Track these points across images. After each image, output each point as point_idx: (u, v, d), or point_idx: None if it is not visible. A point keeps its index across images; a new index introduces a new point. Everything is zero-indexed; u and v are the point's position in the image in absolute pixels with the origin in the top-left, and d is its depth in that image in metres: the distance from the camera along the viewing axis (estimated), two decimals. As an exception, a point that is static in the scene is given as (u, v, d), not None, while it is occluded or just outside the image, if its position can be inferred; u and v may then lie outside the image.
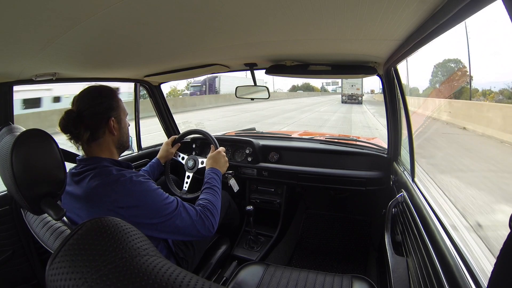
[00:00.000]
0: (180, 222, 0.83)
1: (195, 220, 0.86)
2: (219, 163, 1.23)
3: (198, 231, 0.87)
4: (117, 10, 0.52)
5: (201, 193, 1.04)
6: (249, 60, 1.26)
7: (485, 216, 2.28)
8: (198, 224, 0.87)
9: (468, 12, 0.45)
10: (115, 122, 0.85)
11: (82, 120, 0.80)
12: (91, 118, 0.81)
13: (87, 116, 0.80)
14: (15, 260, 1.09)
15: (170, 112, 1.94)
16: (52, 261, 0.30)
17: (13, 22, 0.52)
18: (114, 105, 0.86)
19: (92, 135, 0.82)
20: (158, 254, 0.33)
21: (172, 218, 0.81)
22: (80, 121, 0.79)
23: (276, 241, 1.70)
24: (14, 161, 0.57)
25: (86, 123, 0.80)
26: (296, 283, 1.01)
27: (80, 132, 0.80)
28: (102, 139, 0.84)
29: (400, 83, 1.17)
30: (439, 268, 0.62)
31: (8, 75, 0.97)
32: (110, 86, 0.89)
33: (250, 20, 0.66)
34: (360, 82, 23.92)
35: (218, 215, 0.96)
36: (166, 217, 0.80)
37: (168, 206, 0.82)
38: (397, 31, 0.70)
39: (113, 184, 0.76)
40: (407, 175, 1.14)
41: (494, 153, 4.65)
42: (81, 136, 0.80)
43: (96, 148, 0.83)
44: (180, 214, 0.84)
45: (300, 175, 1.60)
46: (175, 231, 0.83)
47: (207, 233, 0.89)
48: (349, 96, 24.63)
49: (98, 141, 0.83)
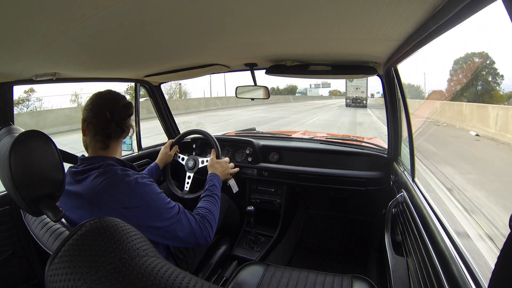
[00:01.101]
0: (180, 229, 0.83)
1: (194, 228, 0.87)
2: (220, 169, 1.23)
3: (196, 239, 0.87)
4: (117, 11, 0.52)
5: (200, 200, 1.04)
6: (249, 60, 1.26)
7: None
8: (196, 232, 0.87)
9: (468, 12, 0.45)
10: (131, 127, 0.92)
11: (114, 119, 0.85)
12: (122, 120, 0.87)
13: (118, 118, 0.86)
14: (15, 260, 1.09)
15: (170, 112, 1.93)
16: (51, 261, 0.30)
17: (14, 22, 0.52)
18: (131, 113, 0.91)
19: (116, 134, 0.86)
20: (158, 255, 0.32)
21: (173, 224, 0.81)
22: (113, 119, 0.84)
23: (276, 241, 1.70)
24: (13, 162, 0.56)
25: (117, 122, 0.85)
26: (296, 283, 1.01)
27: (111, 127, 0.84)
28: (120, 140, 0.89)
29: (400, 83, 1.17)
30: (439, 268, 0.62)
31: (8, 75, 0.97)
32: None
33: (250, 20, 0.66)
34: (365, 85, 22.82)
35: (215, 224, 0.96)
36: (167, 221, 0.80)
37: (170, 211, 0.82)
38: (397, 31, 0.70)
39: (118, 183, 0.76)
40: (407, 175, 1.14)
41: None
42: (110, 132, 0.84)
43: (110, 148, 0.86)
44: (181, 221, 0.84)
45: (300, 175, 1.60)
46: (174, 237, 0.83)
47: (203, 242, 0.89)
48: (353, 99, 23.28)
49: (118, 141, 0.88)
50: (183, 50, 0.98)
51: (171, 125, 1.95)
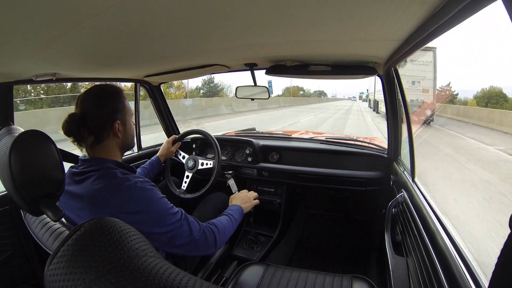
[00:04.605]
0: (180, 235, 0.79)
1: (196, 236, 0.82)
2: (240, 200, 1.19)
3: (197, 248, 0.82)
4: (117, 11, 0.52)
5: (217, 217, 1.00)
6: (249, 60, 1.26)
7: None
8: (199, 241, 0.83)
9: (468, 12, 0.45)
10: (120, 125, 0.82)
11: (86, 123, 0.77)
12: (95, 121, 0.78)
13: (91, 119, 0.78)
14: (15, 260, 1.09)
15: (170, 112, 1.94)
16: (50, 261, 0.30)
17: (14, 22, 0.52)
18: (119, 107, 0.83)
19: (96, 138, 0.79)
20: (157, 255, 0.32)
21: (173, 230, 0.78)
22: (84, 124, 0.77)
23: (276, 241, 1.70)
24: (13, 162, 0.56)
25: (90, 127, 0.78)
26: (296, 283, 1.01)
27: (84, 135, 0.78)
28: (106, 141, 0.81)
29: (400, 83, 1.17)
30: (439, 268, 0.61)
31: (8, 75, 0.97)
32: (115, 86, 0.86)
33: (250, 22, 0.66)
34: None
35: (225, 235, 0.92)
36: (167, 227, 0.77)
37: (171, 217, 0.78)
38: (397, 31, 0.70)
39: (118, 188, 0.74)
40: (407, 175, 1.14)
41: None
42: (84, 139, 0.79)
43: (100, 150, 0.81)
44: (182, 227, 0.80)
45: (300, 175, 1.60)
46: (174, 245, 0.79)
47: (204, 251, 0.84)
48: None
49: (102, 144, 0.81)
50: (183, 51, 0.98)
51: (171, 125, 1.95)
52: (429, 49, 9.18)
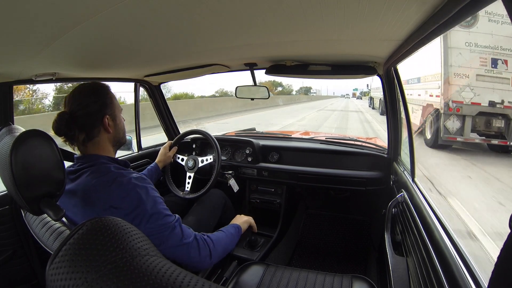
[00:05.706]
0: (172, 237, 0.77)
1: (188, 240, 0.79)
2: (240, 220, 1.17)
3: (189, 253, 0.79)
4: (117, 11, 0.52)
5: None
6: (249, 60, 1.26)
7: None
8: (191, 246, 0.80)
9: (468, 12, 0.45)
10: (110, 120, 0.83)
11: (76, 121, 0.77)
12: (84, 119, 0.79)
13: (80, 116, 0.78)
14: (15, 260, 1.09)
15: (170, 112, 1.93)
16: (52, 261, 0.31)
17: (14, 22, 0.52)
18: (107, 102, 0.83)
19: (87, 135, 0.80)
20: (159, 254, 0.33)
21: (166, 230, 0.76)
22: (74, 122, 0.77)
23: (276, 241, 1.70)
24: (13, 161, 0.57)
25: (80, 124, 0.78)
26: (296, 283, 1.01)
27: (75, 133, 0.78)
28: (97, 138, 0.81)
29: (400, 83, 1.17)
30: (439, 268, 0.62)
31: (8, 75, 0.97)
32: (102, 83, 0.86)
33: (250, 21, 0.66)
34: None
35: (221, 246, 0.90)
36: (161, 227, 0.75)
37: (164, 216, 0.77)
38: (397, 31, 0.70)
39: (110, 182, 0.74)
40: (407, 175, 1.15)
41: None
42: (75, 137, 0.79)
43: (92, 147, 0.82)
44: (175, 229, 0.77)
45: (300, 175, 1.60)
46: (165, 245, 0.76)
47: (199, 259, 0.81)
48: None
49: (94, 141, 0.81)
50: (183, 51, 0.98)
51: (171, 125, 1.95)
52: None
